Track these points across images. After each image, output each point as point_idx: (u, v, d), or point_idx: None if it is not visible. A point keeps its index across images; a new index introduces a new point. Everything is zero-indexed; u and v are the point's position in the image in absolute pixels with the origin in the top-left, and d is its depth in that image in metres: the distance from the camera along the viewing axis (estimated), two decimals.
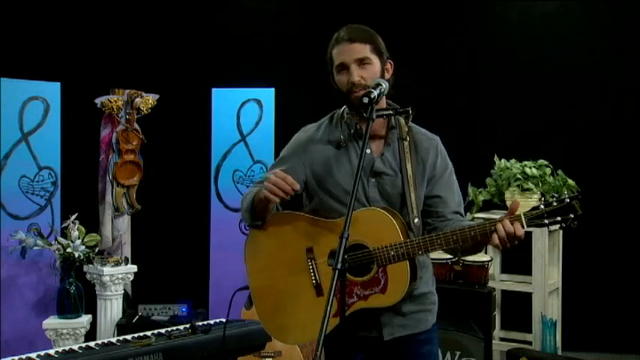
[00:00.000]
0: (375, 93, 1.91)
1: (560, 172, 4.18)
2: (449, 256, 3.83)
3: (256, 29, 5.62)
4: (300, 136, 2.21)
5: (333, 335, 1.89)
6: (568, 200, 1.78)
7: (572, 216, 1.78)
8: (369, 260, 1.98)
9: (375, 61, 2.06)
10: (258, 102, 4.91)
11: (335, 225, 2.04)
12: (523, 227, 1.81)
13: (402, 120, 2.11)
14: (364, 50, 2.04)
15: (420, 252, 1.92)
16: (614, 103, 5.13)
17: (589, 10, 5.21)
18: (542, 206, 1.81)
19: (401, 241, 1.94)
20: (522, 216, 1.81)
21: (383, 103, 2.10)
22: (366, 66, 2.04)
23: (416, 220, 2.00)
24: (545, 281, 4.07)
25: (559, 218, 1.79)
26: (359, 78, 2.02)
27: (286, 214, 2.16)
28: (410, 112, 2.08)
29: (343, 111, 2.14)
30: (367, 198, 2.07)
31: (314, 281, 2.07)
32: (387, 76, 2.11)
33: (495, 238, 1.83)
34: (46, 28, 5.13)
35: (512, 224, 1.81)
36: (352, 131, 2.12)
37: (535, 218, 1.81)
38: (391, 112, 2.06)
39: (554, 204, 1.79)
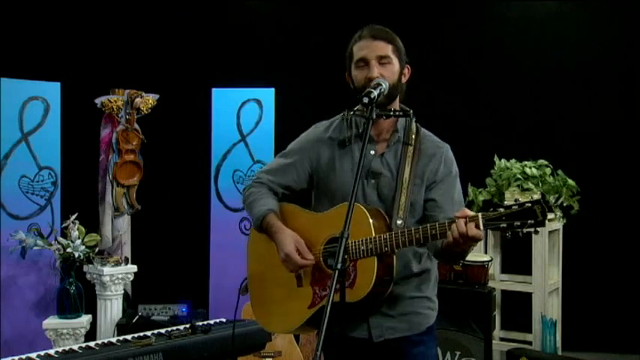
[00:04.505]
0: (375, 93, 1.91)
1: (560, 172, 4.18)
2: None
3: (256, 29, 5.63)
4: (310, 133, 2.23)
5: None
6: (529, 205, 1.67)
7: (531, 222, 1.67)
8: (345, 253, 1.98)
9: (396, 62, 2.06)
10: (258, 102, 4.91)
11: (324, 217, 2.08)
12: (479, 228, 1.75)
13: (413, 125, 2.11)
14: (386, 49, 2.05)
15: (386, 248, 1.89)
16: (614, 103, 5.14)
17: (589, 10, 5.21)
18: (501, 209, 1.72)
19: (372, 236, 1.92)
20: (480, 217, 1.75)
21: (396, 105, 2.11)
22: (386, 65, 2.04)
23: (399, 222, 1.98)
24: (545, 281, 4.07)
25: (518, 223, 1.69)
26: (378, 74, 2.02)
27: (287, 207, 2.20)
28: (410, 114, 2.07)
29: (355, 110, 2.13)
30: (365, 198, 2.07)
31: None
32: (404, 80, 2.11)
33: (449, 236, 1.79)
34: (46, 28, 5.14)
35: (465, 224, 1.76)
36: (360, 130, 2.11)
37: (493, 220, 1.73)
38: (390, 112, 2.04)
39: (515, 207, 1.69)
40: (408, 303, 2.09)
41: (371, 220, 1.94)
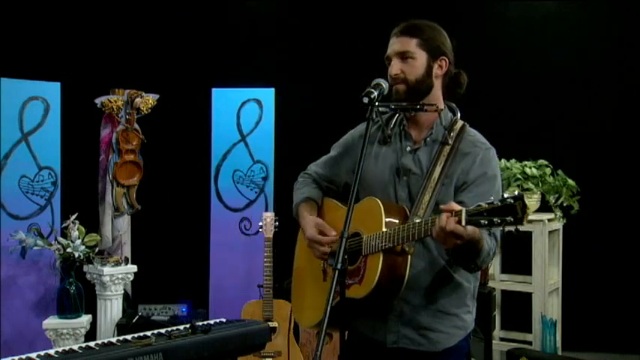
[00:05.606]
0: (375, 93, 1.91)
1: (560, 172, 4.18)
2: None
3: (256, 29, 5.62)
4: (356, 129, 2.26)
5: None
6: (511, 201, 1.61)
7: (510, 219, 1.60)
8: (358, 249, 1.96)
9: (420, 56, 2.04)
10: (258, 102, 4.90)
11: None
12: (461, 223, 1.67)
13: (458, 124, 2.10)
14: (408, 44, 2.04)
15: (388, 243, 1.85)
16: (614, 103, 5.14)
17: (589, 10, 5.21)
18: (484, 204, 1.66)
19: (380, 232, 1.89)
20: (463, 212, 1.68)
21: (440, 102, 2.10)
22: (408, 60, 2.03)
23: (417, 220, 1.90)
24: (545, 281, 4.07)
25: (497, 220, 1.62)
26: (397, 72, 2.02)
27: (327, 201, 2.26)
28: (419, 107, 2.04)
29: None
30: (396, 196, 2.03)
31: (322, 265, 2.14)
32: (439, 73, 2.09)
33: (434, 231, 1.74)
34: (46, 28, 5.13)
35: (447, 219, 1.69)
36: (400, 127, 2.11)
37: (474, 215, 1.66)
38: (394, 106, 2.04)
39: (496, 203, 1.63)
40: (433, 317, 2.02)
41: (384, 216, 1.92)
